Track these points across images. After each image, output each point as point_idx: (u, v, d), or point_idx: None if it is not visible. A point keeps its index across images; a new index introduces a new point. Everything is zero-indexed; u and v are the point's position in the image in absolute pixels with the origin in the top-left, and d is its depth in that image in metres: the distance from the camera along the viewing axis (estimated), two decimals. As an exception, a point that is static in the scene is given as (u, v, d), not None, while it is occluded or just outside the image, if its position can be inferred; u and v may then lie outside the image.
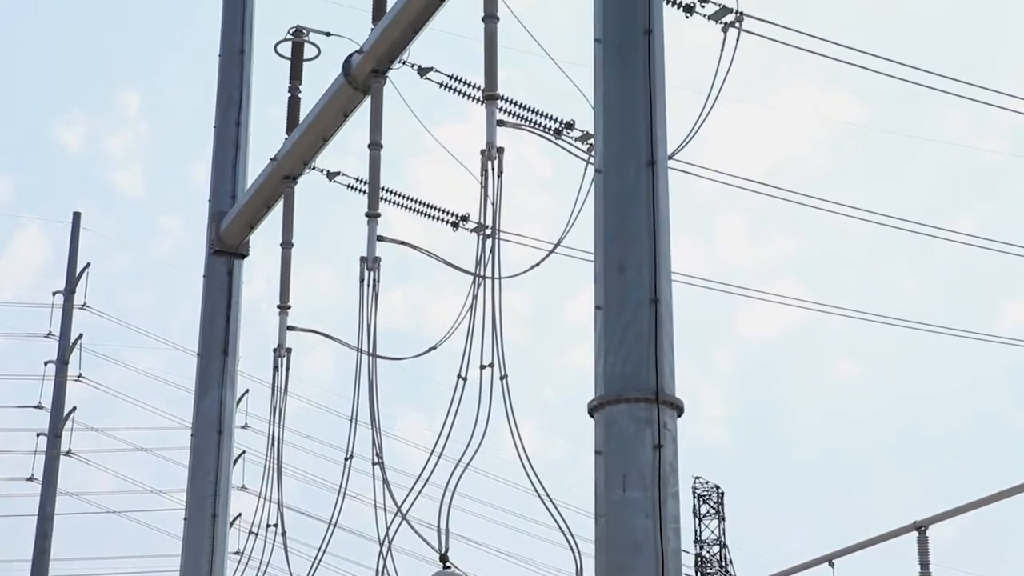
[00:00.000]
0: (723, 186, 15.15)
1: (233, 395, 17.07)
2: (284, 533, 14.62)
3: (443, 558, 11.09)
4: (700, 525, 60.24)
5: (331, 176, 15.72)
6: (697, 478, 60.39)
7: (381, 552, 11.89)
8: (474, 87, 13.95)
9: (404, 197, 15.00)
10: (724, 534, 60.40)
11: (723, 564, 59.59)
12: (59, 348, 39.47)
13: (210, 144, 17.86)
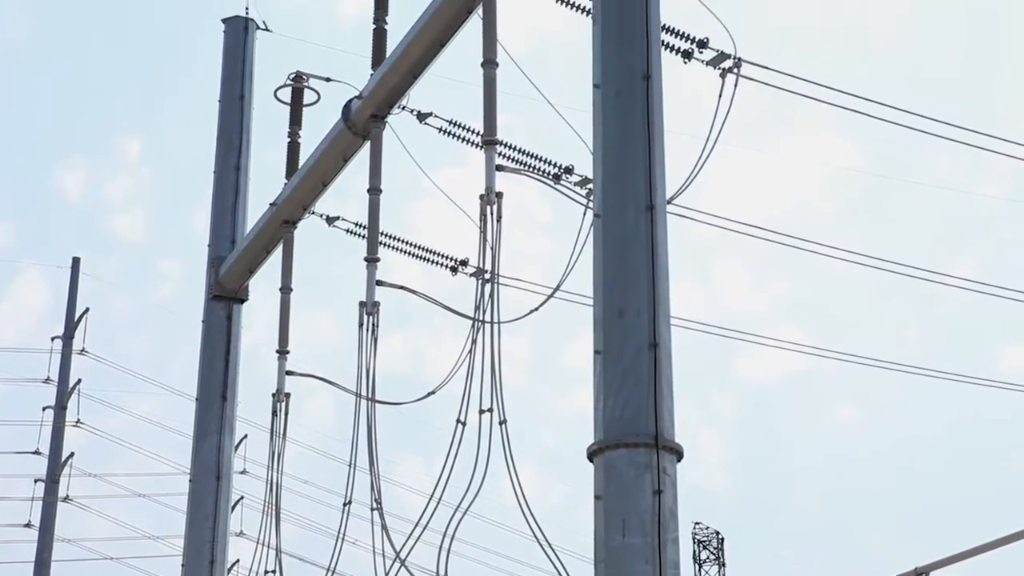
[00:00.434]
0: (723, 231, 15.15)
1: (232, 440, 17.04)
2: (282, 579, 14.57)
3: (442, 604, 11.02)
4: (700, 571, 59.94)
5: (330, 221, 15.76)
6: (697, 523, 60.12)
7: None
8: (473, 132, 13.99)
9: (403, 241, 15.03)
10: (724, 580, 60.07)
11: (723, 610, 59.27)
12: (57, 393, 39.35)
13: (210, 189, 17.91)
